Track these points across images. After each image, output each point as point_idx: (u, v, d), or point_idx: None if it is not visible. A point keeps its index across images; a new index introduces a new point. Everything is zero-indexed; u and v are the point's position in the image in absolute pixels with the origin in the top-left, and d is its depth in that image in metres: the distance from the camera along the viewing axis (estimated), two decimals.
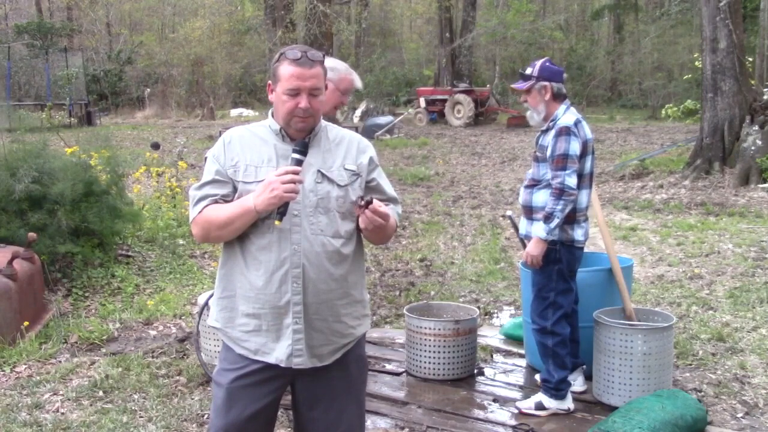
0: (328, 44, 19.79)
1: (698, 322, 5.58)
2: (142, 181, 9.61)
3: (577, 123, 4.01)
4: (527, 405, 4.13)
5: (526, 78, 4.16)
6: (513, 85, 4.31)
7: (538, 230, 3.95)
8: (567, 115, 4.05)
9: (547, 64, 4.18)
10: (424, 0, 36.97)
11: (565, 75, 4.22)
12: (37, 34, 30.52)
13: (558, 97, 4.12)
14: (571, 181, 3.90)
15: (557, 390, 4.08)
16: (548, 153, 3.98)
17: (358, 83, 3.93)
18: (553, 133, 3.99)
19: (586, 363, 4.39)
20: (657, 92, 28.18)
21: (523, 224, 4.23)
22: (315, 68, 2.40)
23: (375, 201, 2.36)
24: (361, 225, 2.41)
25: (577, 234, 4.07)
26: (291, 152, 2.39)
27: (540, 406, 4.09)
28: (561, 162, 3.91)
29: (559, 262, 4.03)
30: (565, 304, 4.10)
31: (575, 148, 3.93)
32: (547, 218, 3.91)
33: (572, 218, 4.03)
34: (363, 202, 2.35)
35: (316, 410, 2.53)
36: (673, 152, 14.56)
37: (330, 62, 3.88)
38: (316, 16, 18.75)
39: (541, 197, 4.04)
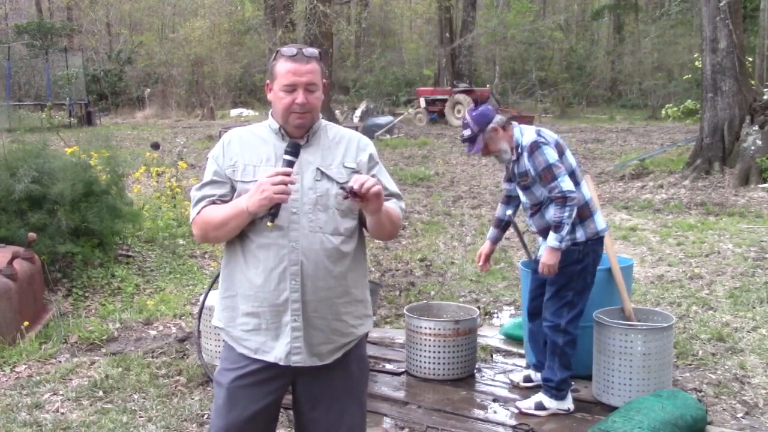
0: (328, 44, 19.80)
1: (698, 322, 5.58)
2: (142, 181, 9.60)
3: (538, 133, 4.08)
4: (527, 405, 4.14)
5: (473, 139, 4.11)
6: (471, 152, 4.21)
7: (551, 240, 3.97)
8: (526, 133, 4.10)
9: (474, 112, 4.13)
10: (424, 0, 36.95)
11: (488, 100, 4.21)
12: (37, 34, 30.53)
13: (506, 126, 4.13)
14: (567, 185, 3.93)
15: (558, 390, 4.09)
16: (533, 171, 4.01)
17: None
18: (525, 154, 4.03)
19: (586, 363, 4.39)
20: (657, 92, 28.20)
21: (542, 249, 4.18)
22: (311, 64, 2.41)
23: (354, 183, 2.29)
24: (371, 209, 2.34)
25: (599, 224, 4.13)
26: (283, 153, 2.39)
27: (540, 406, 4.10)
28: (549, 173, 3.95)
29: (581, 262, 4.07)
30: (580, 303, 4.13)
31: (552, 154, 3.98)
32: (557, 227, 3.94)
33: (586, 213, 4.08)
34: (348, 188, 2.28)
35: (316, 410, 2.52)
36: (673, 152, 14.55)
37: None
38: (316, 16, 18.76)
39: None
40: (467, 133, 4.15)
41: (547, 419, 4.04)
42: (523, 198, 4.22)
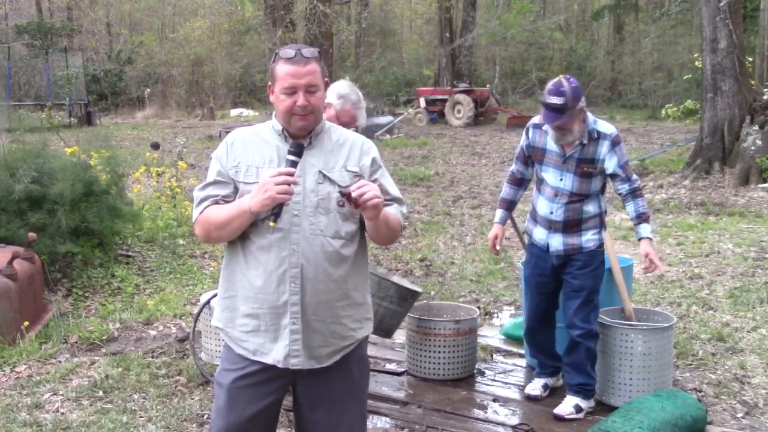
0: (328, 44, 19.79)
1: (698, 322, 5.58)
2: (142, 181, 9.60)
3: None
4: (568, 411, 4.06)
5: (562, 110, 3.76)
6: (554, 123, 3.81)
7: (649, 232, 4.04)
8: (601, 122, 4.04)
9: (573, 84, 3.81)
10: (424, 0, 36.95)
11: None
12: (37, 34, 30.49)
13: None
14: None
15: (593, 390, 4.14)
16: (614, 163, 3.95)
17: (362, 120, 3.94)
18: (607, 143, 3.94)
19: None
20: (657, 92, 28.17)
21: (558, 240, 4.05)
22: (310, 65, 2.40)
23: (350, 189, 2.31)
24: (368, 216, 2.36)
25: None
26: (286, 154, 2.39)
27: (579, 409, 4.08)
28: (629, 167, 4.04)
29: (604, 264, 4.13)
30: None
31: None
32: (648, 219, 4.06)
33: (604, 216, 4.15)
34: (346, 194, 2.30)
35: (317, 412, 2.52)
36: (673, 152, 14.56)
37: (344, 88, 3.88)
38: (316, 16, 18.76)
39: (592, 207, 4.06)
40: (559, 101, 3.74)
41: (547, 419, 4.05)
42: (562, 184, 3.99)
